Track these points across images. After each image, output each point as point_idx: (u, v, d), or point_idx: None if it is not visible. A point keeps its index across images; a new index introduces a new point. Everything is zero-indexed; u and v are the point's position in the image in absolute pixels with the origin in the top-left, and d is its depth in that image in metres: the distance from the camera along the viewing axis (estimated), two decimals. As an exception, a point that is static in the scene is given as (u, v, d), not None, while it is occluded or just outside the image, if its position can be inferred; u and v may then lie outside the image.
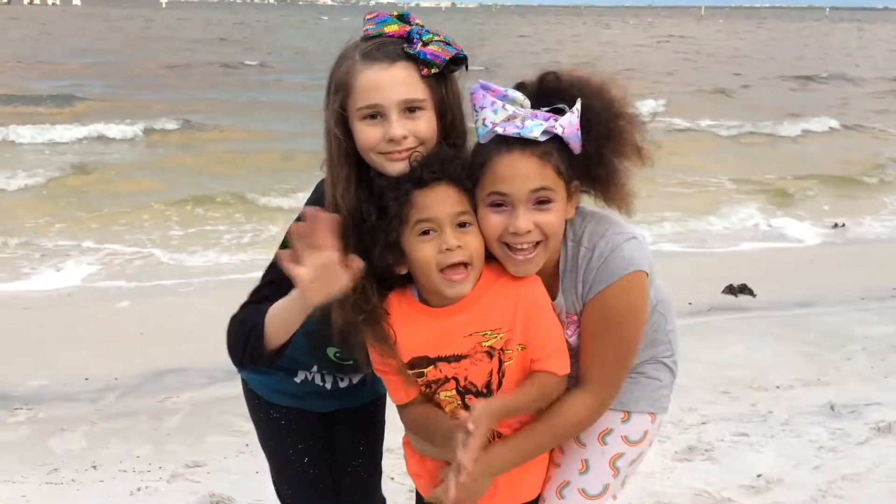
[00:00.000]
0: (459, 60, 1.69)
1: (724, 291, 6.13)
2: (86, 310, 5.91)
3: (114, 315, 5.75)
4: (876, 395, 4.15)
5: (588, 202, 1.80)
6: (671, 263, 7.18)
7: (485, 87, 1.65)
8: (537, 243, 1.64)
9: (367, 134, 1.64)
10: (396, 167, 1.65)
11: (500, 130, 1.59)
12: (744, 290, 6.13)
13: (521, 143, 1.58)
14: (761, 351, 4.87)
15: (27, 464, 3.53)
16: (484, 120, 1.62)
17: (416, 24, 1.70)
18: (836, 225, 8.65)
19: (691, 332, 4.68)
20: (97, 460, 3.57)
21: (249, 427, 3.57)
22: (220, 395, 4.16)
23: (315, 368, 2.02)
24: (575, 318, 1.76)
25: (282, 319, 1.67)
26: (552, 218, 1.62)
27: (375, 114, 1.64)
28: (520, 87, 1.70)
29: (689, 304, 5.71)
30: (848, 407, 4.02)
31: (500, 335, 1.66)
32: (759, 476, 3.38)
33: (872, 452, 3.55)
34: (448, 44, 1.68)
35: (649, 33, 59.41)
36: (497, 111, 1.61)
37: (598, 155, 1.67)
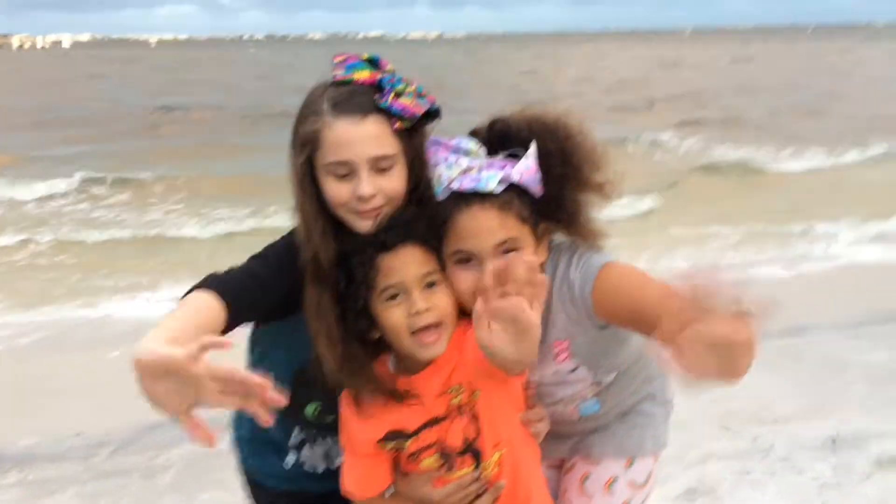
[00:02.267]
0: (432, 114, 1.64)
1: (718, 321, 6.08)
2: (76, 360, 5.84)
3: (105, 365, 5.67)
4: (876, 426, 4.11)
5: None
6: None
7: (436, 143, 1.62)
8: None
9: (335, 190, 1.59)
10: (367, 224, 1.60)
11: (456, 186, 1.56)
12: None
13: (480, 197, 1.54)
14: (759, 381, 4.81)
15: (17, 529, 3.45)
16: (439, 177, 1.59)
17: (388, 71, 1.64)
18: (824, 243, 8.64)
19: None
20: (88, 523, 3.50)
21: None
22: (212, 450, 4.08)
23: (301, 452, 1.95)
24: (565, 344, 1.73)
25: None
26: None
27: (345, 169, 1.58)
28: (473, 134, 1.66)
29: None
30: (849, 440, 3.98)
31: (462, 389, 1.62)
32: (762, 517, 3.33)
33: (875, 488, 3.51)
34: (421, 95, 1.62)
35: (696, 58, 57.64)
36: (451, 166, 1.58)
37: (559, 196, 1.63)
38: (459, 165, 1.57)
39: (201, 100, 27.33)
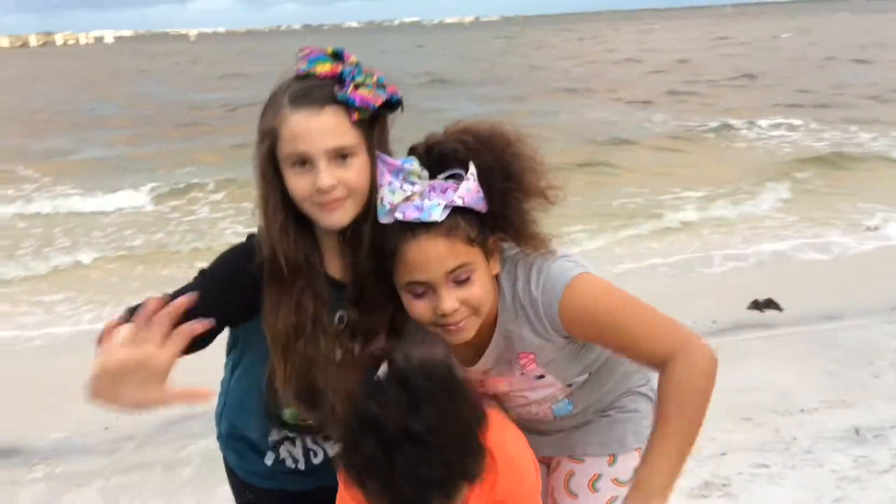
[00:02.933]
0: (392, 104, 1.63)
1: (749, 307, 5.96)
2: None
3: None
4: (902, 416, 4.01)
5: None
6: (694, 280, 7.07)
7: (382, 161, 1.60)
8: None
9: (296, 183, 1.59)
10: (331, 218, 1.60)
11: (399, 216, 1.53)
12: (770, 304, 5.97)
13: (426, 227, 1.52)
14: (786, 372, 4.71)
15: (41, 523, 3.56)
16: (382, 199, 1.57)
17: (350, 64, 1.62)
18: (868, 228, 8.39)
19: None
20: (109, 517, 3.59)
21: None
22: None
23: (279, 451, 1.96)
24: (532, 356, 1.72)
25: None
26: (475, 290, 1.57)
27: (304, 161, 1.57)
28: (412, 151, 1.64)
29: (713, 322, 5.57)
30: (874, 430, 3.88)
31: None
32: (777, 512, 3.27)
33: (896, 481, 3.42)
34: (381, 86, 1.60)
35: (750, 34, 55.11)
36: (395, 191, 1.55)
37: (504, 209, 1.60)
38: (404, 192, 1.54)
39: (255, 94, 27.40)
